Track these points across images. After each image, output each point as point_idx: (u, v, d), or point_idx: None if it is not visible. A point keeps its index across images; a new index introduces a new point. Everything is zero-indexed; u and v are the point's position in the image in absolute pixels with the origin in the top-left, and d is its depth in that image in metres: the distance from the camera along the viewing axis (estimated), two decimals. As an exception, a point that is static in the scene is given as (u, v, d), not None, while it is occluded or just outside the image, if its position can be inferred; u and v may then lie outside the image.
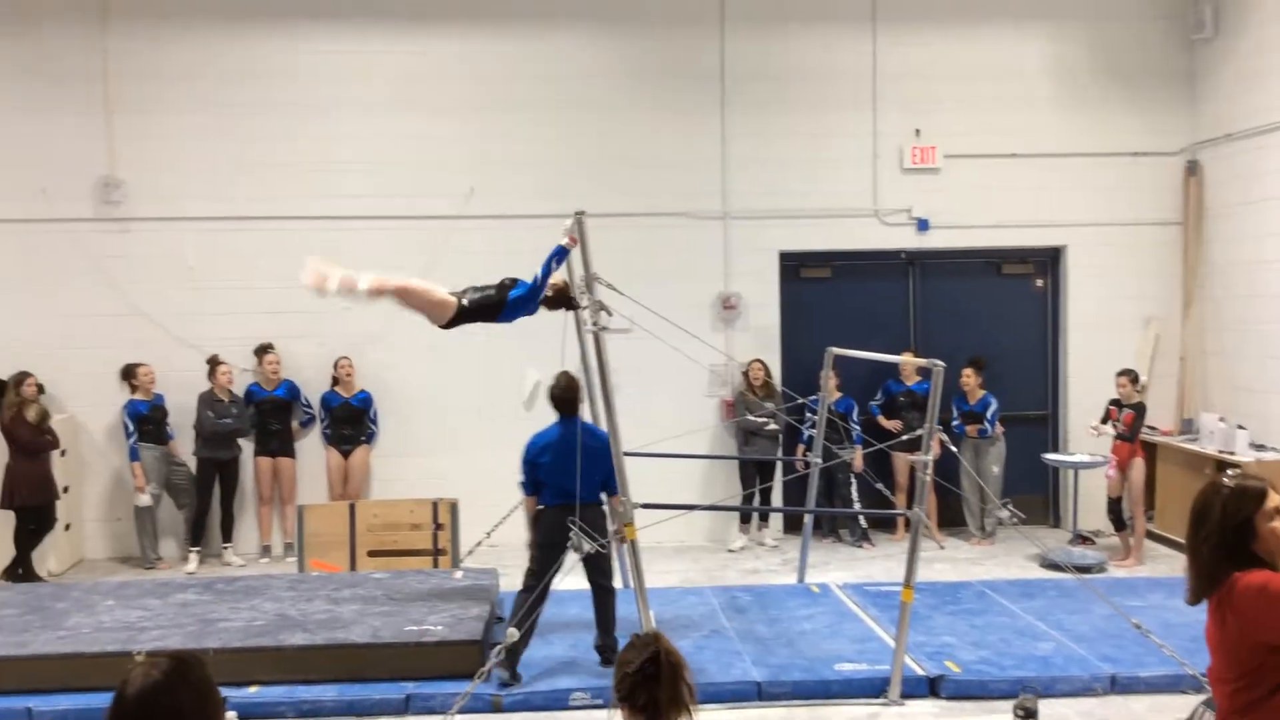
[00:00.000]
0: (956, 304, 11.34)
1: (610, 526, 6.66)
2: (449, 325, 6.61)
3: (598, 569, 6.77)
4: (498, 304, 6.52)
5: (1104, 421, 9.93)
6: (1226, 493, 3.24)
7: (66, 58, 10.35)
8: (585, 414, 7.57)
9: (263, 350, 10.39)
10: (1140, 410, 9.79)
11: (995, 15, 11.00)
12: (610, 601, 6.83)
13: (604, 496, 6.82)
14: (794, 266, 11.19)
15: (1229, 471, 3.55)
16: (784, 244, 11.00)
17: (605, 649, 6.77)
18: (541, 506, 6.77)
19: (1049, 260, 11.42)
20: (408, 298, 6.51)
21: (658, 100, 10.80)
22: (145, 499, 10.00)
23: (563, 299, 6.80)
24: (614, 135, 10.79)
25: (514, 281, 6.57)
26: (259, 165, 10.53)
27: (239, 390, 10.36)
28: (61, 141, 10.36)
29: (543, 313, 6.89)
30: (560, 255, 6.48)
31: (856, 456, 10.36)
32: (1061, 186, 11.05)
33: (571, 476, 6.45)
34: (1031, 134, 11.01)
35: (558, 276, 6.66)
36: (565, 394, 6.84)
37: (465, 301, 6.50)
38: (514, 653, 6.43)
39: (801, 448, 10.36)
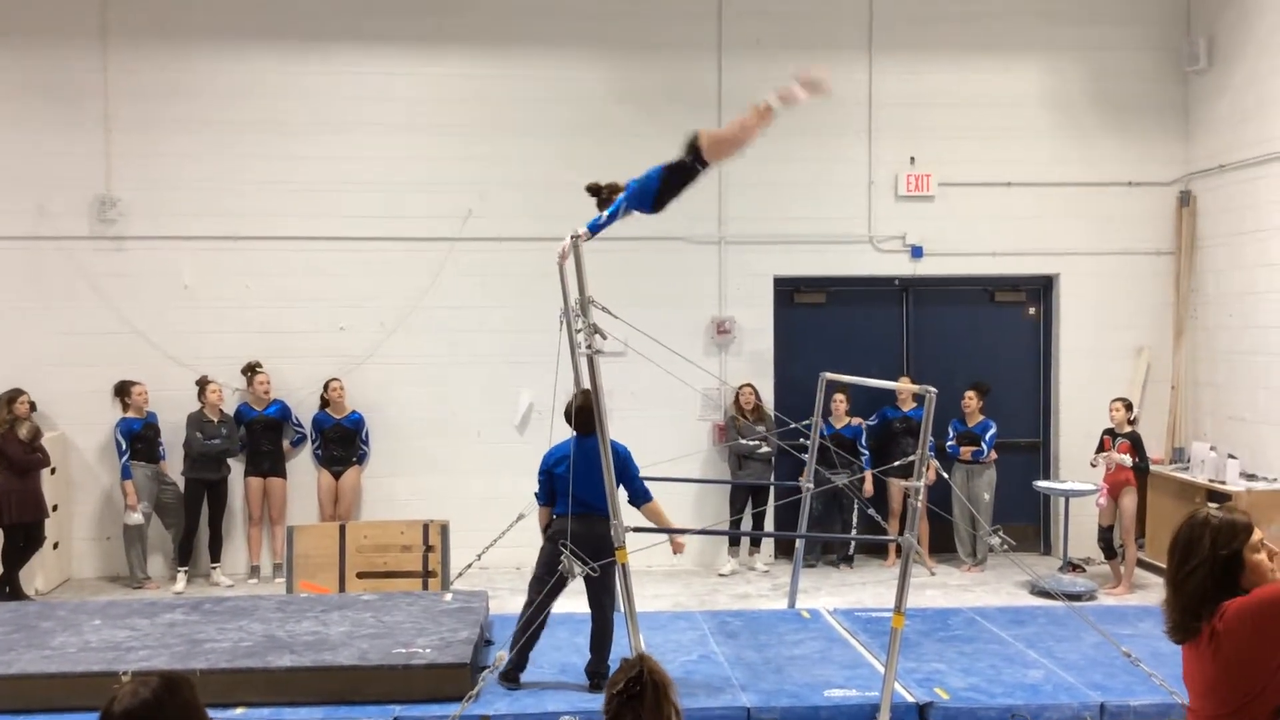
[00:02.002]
0: (949, 331, 11.38)
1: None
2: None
3: (600, 591, 6.73)
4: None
5: (1099, 451, 9.94)
6: (1217, 524, 3.20)
7: (66, 76, 10.38)
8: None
9: (252, 370, 10.38)
10: (1136, 440, 9.81)
11: (991, 45, 11.08)
12: (606, 628, 6.80)
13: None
14: (788, 292, 11.22)
15: (1212, 505, 3.50)
16: (779, 269, 11.03)
17: (596, 675, 6.75)
18: (555, 515, 6.81)
19: (1041, 288, 11.47)
20: (727, 143, 6.77)
21: (655, 124, 10.81)
22: (136, 517, 9.97)
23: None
24: (612, 159, 10.69)
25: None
26: (255, 185, 10.55)
27: (230, 410, 10.35)
28: (59, 159, 10.37)
29: (535, 335, 6.90)
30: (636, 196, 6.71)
31: (866, 482, 10.38)
32: (1055, 215, 11.11)
33: (584, 487, 6.50)
34: (1025, 163, 11.08)
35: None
36: (579, 413, 6.86)
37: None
38: (520, 657, 6.45)
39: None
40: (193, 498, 10.15)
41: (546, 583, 6.62)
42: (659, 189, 6.67)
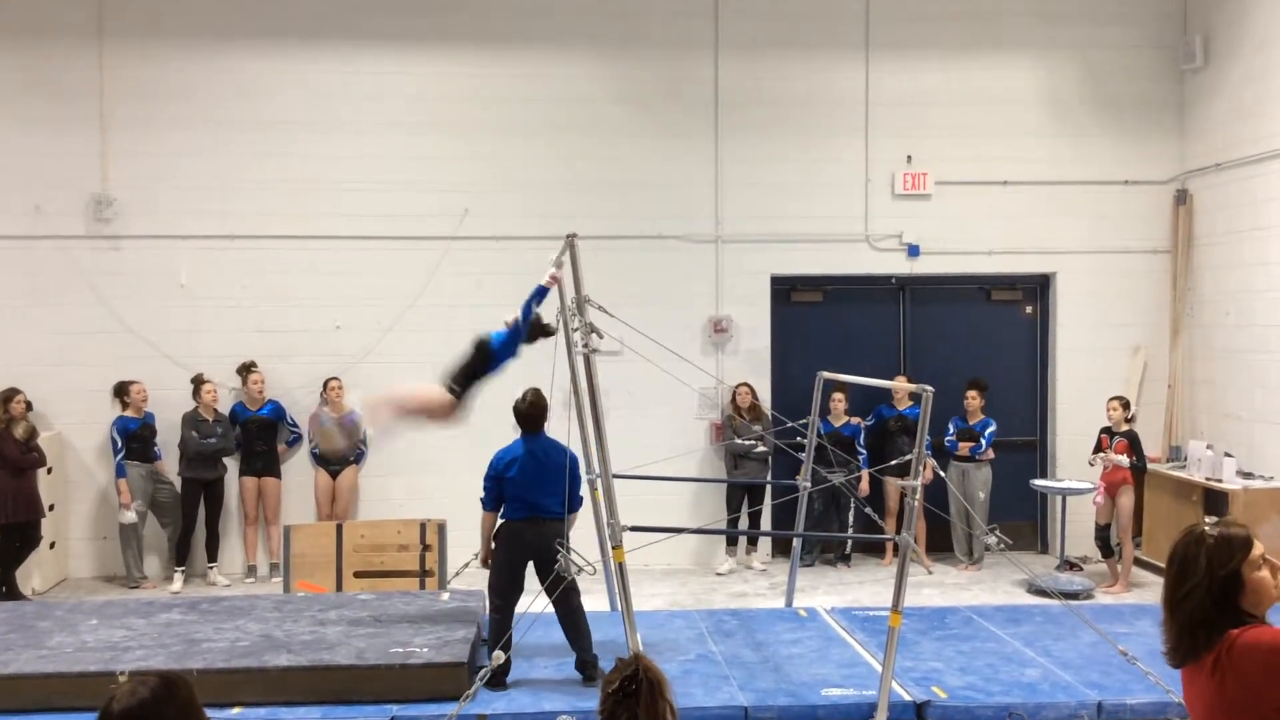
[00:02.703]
0: (946, 329, 11.38)
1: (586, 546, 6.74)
2: (453, 417, 6.66)
3: (557, 588, 6.73)
4: (483, 361, 6.56)
5: (1096, 451, 9.94)
6: (1211, 542, 2.97)
7: (62, 75, 10.37)
8: (575, 435, 7.58)
9: (246, 369, 10.36)
10: (1133, 438, 9.81)
11: (987, 44, 11.08)
12: (576, 618, 6.78)
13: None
14: (785, 290, 11.22)
15: (1208, 519, 3.25)
16: (776, 268, 11.04)
17: (585, 665, 6.76)
18: (503, 520, 6.79)
19: (1038, 287, 11.47)
20: (407, 410, 6.63)
21: (652, 124, 10.85)
22: (130, 516, 9.95)
23: (540, 331, 6.82)
24: (608, 158, 10.83)
25: (487, 336, 6.66)
26: (251, 184, 10.53)
27: (225, 410, 10.34)
28: (55, 158, 10.36)
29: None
30: (540, 295, 6.59)
31: (863, 481, 10.40)
32: (1051, 214, 11.11)
33: (536, 491, 6.53)
34: (1022, 162, 11.08)
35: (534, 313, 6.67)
36: (531, 410, 6.86)
37: (455, 386, 6.56)
38: (501, 671, 6.45)
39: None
40: (189, 497, 10.14)
41: (506, 590, 6.64)
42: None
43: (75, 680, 6.18)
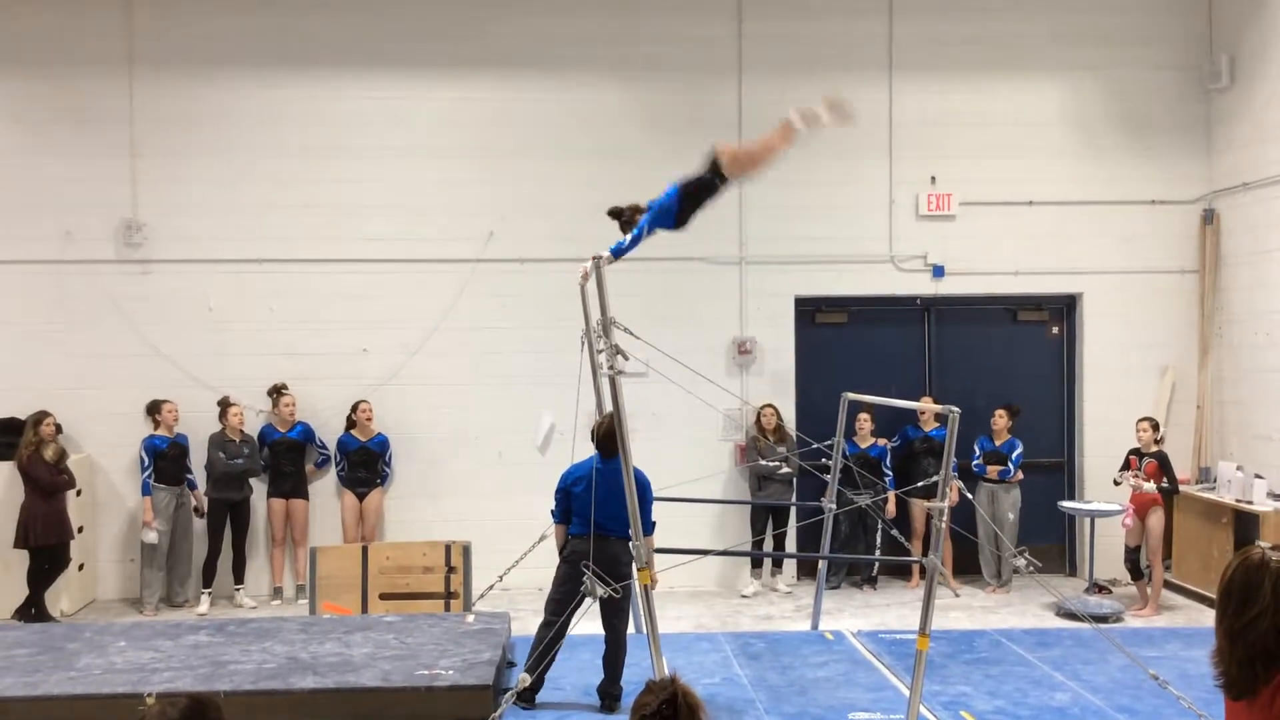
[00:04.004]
0: (972, 350, 11.33)
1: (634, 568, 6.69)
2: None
3: (613, 612, 6.75)
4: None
5: (1123, 469, 9.87)
6: (1276, 568, 2.85)
7: (93, 103, 10.51)
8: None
9: (277, 391, 10.43)
10: (1163, 460, 9.73)
11: (1010, 66, 11.08)
12: (619, 648, 6.80)
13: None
14: (810, 312, 11.21)
15: (1260, 544, 3.22)
16: (800, 289, 11.03)
17: (608, 695, 6.75)
18: (570, 536, 6.82)
19: (1065, 307, 11.42)
20: (751, 160, 7.05)
21: (676, 146, 10.81)
22: (152, 536, 9.93)
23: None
24: (632, 181, 10.75)
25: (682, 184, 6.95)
26: (279, 208, 10.63)
27: (253, 432, 10.40)
28: (86, 184, 10.49)
29: (557, 356, 6.93)
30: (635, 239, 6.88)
31: (890, 502, 10.35)
32: (1077, 234, 11.07)
33: (600, 509, 6.55)
34: (1047, 182, 11.05)
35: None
36: (605, 436, 6.89)
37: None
38: (538, 678, 6.46)
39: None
40: (216, 519, 10.18)
41: (564, 604, 6.63)
42: (680, 205, 6.72)
43: (104, 702, 6.21)
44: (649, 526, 6.83)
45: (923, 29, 10.98)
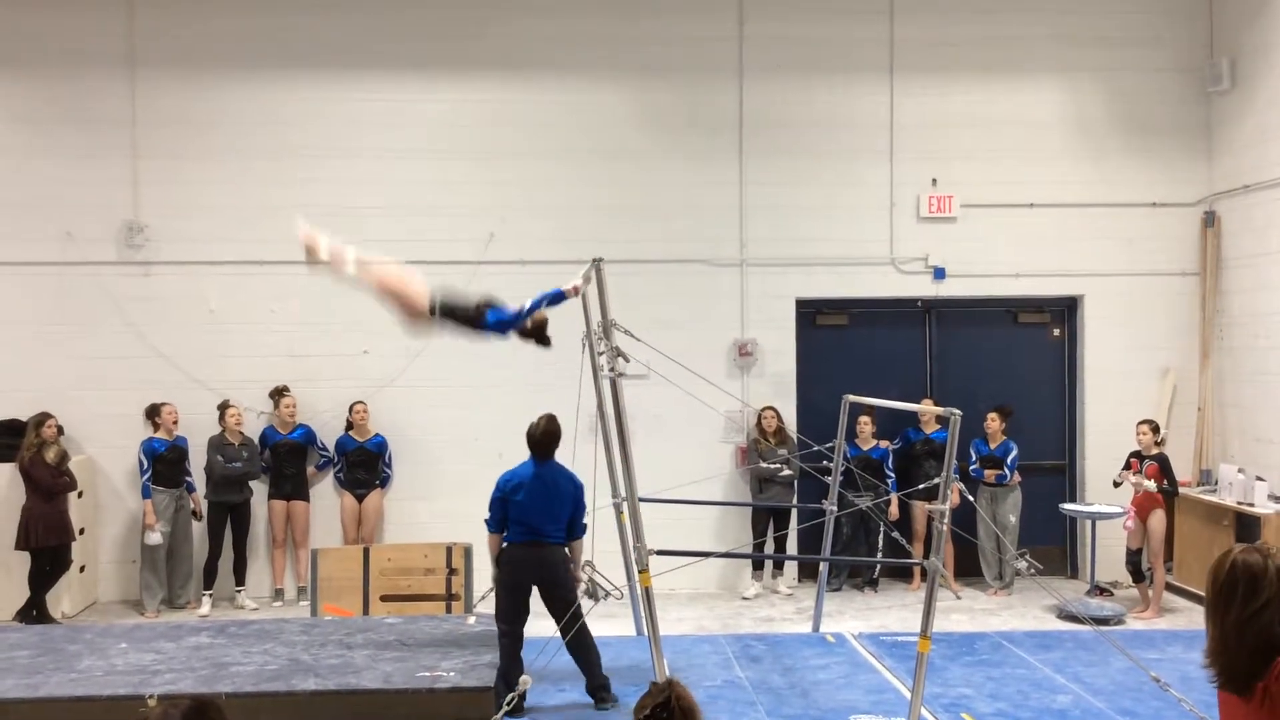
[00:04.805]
0: (973, 353, 11.33)
1: (583, 574, 6.77)
2: (416, 324, 6.58)
3: (563, 615, 6.72)
4: (471, 320, 6.49)
5: (1125, 469, 9.87)
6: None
7: (94, 104, 10.51)
8: (601, 459, 7.60)
9: (279, 393, 10.43)
10: (1164, 462, 9.73)
11: (1011, 68, 11.08)
12: (584, 642, 6.77)
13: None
14: (811, 314, 11.21)
15: (1260, 544, 3.04)
16: (800, 291, 11.03)
17: (597, 689, 6.74)
18: (506, 544, 6.78)
19: (1066, 310, 11.42)
20: (385, 288, 6.53)
21: (676, 148, 10.89)
22: (155, 538, 9.94)
23: (538, 333, 6.64)
24: (633, 182, 10.87)
25: (489, 306, 6.52)
26: (280, 210, 10.57)
27: (254, 434, 10.40)
28: (87, 186, 10.49)
29: (558, 359, 6.91)
30: (556, 298, 6.53)
31: (892, 505, 10.35)
32: (1078, 236, 11.07)
33: (539, 515, 6.57)
34: (1048, 184, 11.05)
35: (541, 312, 6.57)
36: (544, 436, 6.87)
37: (437, 307, 6.47)
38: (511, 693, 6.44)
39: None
40: (216, 520, 10.17)
41: (517, 613, 6.67)
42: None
43: (106, 704, 6.22)
44: (581, 530, 6.82)
45: (924, 31, 10.98)
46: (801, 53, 10.93)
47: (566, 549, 6.89)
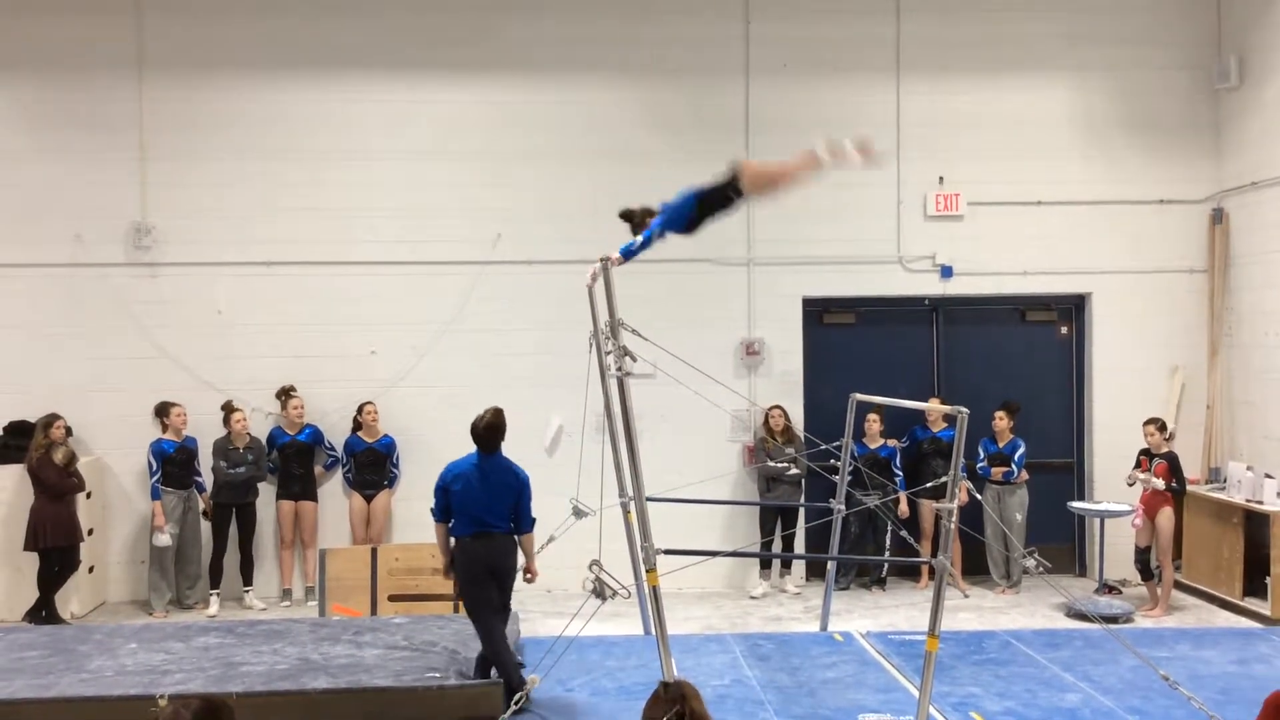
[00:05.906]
0: (980, 351, 11.32)
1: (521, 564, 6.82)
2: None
3: (498, 606, 6.71)
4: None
5: (1135, 468, 9.85)
6: None
7: (102, 106, 10.54)
8: (608, 458, 7.61)
9: (286, 394, 10.45)
10: (1173, 460, 9.71)
11: (1018, 66, 11.07)
12: (491, 646, 6.72)
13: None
14: (818, 312, 11.21)
15: None
16: (808, 290, 11.03)
17: (483, 660, 6.68)
18: (455, 539, 6.76)
19: (1074, 307, 11.40)
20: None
21: (683, 148, 10.87)
22: (164, 539, 9.96)
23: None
24: (640, 182, 10.77)
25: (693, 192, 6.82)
26: (287, 211, 10.66)
27: (262, 435, 10.41)
28: (96, 187, 10.52)
29: (565, 359, 6.91)
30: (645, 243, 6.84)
31: (902, 503, 10.34)
32: (1086, 234, 11.05)
33: (479, 507, 6.58)
34: (1056, 182, 11.04)
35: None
36: (487, 431, 6.87)
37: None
38: (509, 690, 6.43)
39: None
40: (220, 519, 10.19)
41: (485, 604, 6.61)
42: (694, 213, 6.70)
43: (116, 704, 6.24)
44: (529, 523, 6.82)
45: (930, 29, 10.98)
46: (808, 53, 10.93)
47: (516, 540, 6.87)
